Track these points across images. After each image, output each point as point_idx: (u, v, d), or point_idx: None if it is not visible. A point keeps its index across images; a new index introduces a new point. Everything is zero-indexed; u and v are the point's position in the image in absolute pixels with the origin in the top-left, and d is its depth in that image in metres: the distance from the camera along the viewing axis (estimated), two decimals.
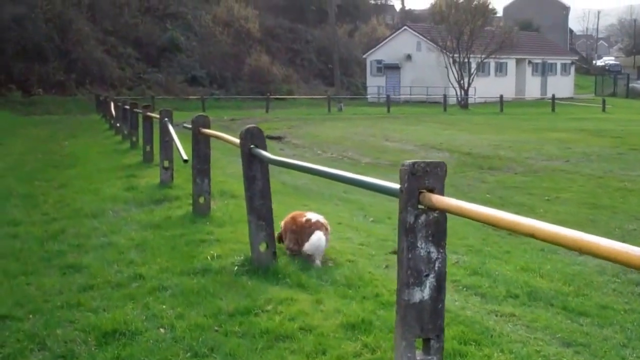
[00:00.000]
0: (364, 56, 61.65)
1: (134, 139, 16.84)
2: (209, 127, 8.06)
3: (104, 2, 53.96)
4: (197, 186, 8.13)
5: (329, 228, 6.23)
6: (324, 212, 7.43)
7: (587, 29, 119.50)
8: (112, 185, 11.31)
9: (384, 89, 59.25)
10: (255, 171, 5.80)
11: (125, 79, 49.48)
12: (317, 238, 5.99)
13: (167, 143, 11.03)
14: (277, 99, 46.05)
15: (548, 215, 8.76)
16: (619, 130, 22.68)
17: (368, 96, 58.93)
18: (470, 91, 47.75)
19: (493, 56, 47.97)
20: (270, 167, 5.79)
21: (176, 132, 10.55)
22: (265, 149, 5.81)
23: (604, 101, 40.58)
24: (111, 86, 47.09)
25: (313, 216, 6.25)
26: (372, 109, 46.24)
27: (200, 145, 8.07)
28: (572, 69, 63.11)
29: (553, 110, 40.32)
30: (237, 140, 6.04)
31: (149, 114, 13.61)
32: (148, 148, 13.84)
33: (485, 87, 50.64)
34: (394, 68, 58.52)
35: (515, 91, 55.73)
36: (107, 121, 27.80)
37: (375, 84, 59.55)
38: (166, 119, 10.94)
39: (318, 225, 6.10)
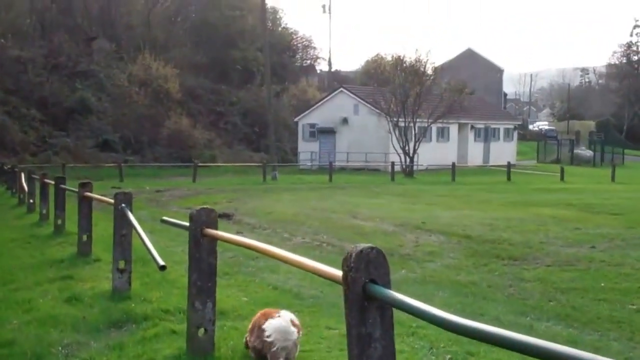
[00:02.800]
0: (296, 119, 60.45)
1: (59, 221, 14.37)
2: (216, 226, 5.93)
3: (4, 58, 50.95)
4: (196, 313, 5.93)
5: (301, 330, 5.69)
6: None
7: (517, 92, 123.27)
8: (45, 292, 8.92)
9: (317, 155, 58.00)
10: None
11: (28, 143, 46.28)
12: (283, 321, 5.47)
13: (123, 238, 8.78)
14: (200, 166, 43.75)
15: None
16: (607, 204, 21.70)
17: (300, 163, 57.41)
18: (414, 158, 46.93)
19: (440, 121, 47.42)
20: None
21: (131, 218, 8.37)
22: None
23: (562, 170, 40.32)
24: (12, 152, 43.78)
25: (286, 314, 5.67)
26: (309, 177, 44.54)
27: (203, 253, 5.92)
28: (515, 134, 63.76)
29: (509, 179, 39.69)
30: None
31: (88, 194, 11.27)
32: (85, 237, 11.47)
33: (427, 154, 50.00)
34: (329, 132, 57.48)
35: (457, 157, 55.41)
36: (14, 195, 24.97)
37: (307, 149, 58.23)
38: (123, 204, 8.72)
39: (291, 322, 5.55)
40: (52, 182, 14.79)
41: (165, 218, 7.20)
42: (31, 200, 19.16)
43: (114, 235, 8.82)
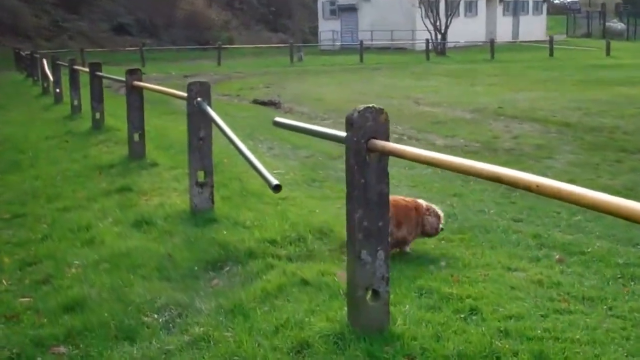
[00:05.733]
0: None
1: (98, 115, 12.21)
2: (387, 135, 3.79)
3: None
4: (363, 268, 3.84)
5: None
6: None
7: None
8: (103, 212, 6.90)
9: (339, 34, 54.81)
10: None
11: (41, 28, 43.39)
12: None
13: (202, 142, 6.65)
14: (222, 48, 40.86)
15: None
16: None
17: (321, 43, 54.30)
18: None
19: None
20: None
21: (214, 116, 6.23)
22: None
23: (608, 44, 37.36)
24: (26, 37, 41.04)
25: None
26: (336, 58, 41.83)
27: (370, 177, 3.78)
28: (545, 7, 59.86)
29: (551, 55, 36.84)
30: None
31: (138, 83, 9.02)
32: (138, 137, 9.34)
33: (455, 30, 46.73)
34: (350, 10, 53.97)
35: (486, 33, 52.09)
36: (36, 83, 22.72)
37: (328, 28, 54.94)
38: (199, 98, 6.53)
39: None
40: (86, 70, 12.52)
41: (278, 119, 5.03)
42: (57, 90, 16.92)
43: (189, 139, 6.67)
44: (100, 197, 7.60)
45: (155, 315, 4.33)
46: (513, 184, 2.76)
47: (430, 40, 41.71)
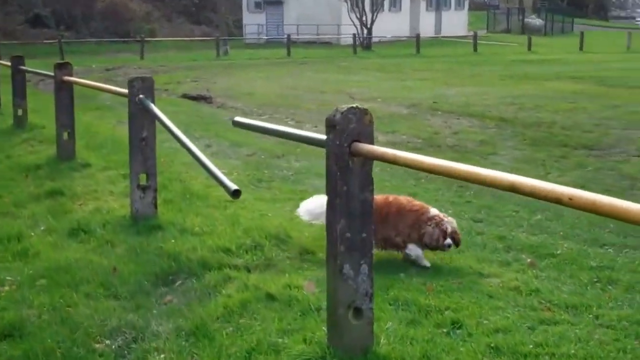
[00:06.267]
0: None
1: (20, 112, 11.41)
2: (370, 138, 3.45)
3: None
4: (344, 283, 3.47)
5: None
6: None
7: None
8: (34, 220, 6.31)
9: (265, 28, 54.18)
10: None
11: None
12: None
13: (144, 143, 6.13)
14: (144, 41, 39.53)
15: None
16: (612, 76, 19.83)
17: (246, 36, 53.51)
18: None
19: None
20: None
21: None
22: None
23: (529, 39, 38.06)
24: None
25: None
26: (263, 52, 41.22)
27: (353, 184, 3.41)
28: (466, 2, 60.68)
29: (475, 50, 37.29)
30: None
31: (69, 78, 8.34)
32: (67, 135, 8.70)
33: (380, 25, 46.75)
34: (276, 3, 53.37)
35: (409, 29, 52.46)
36: None
37: (253, 21, 54.15)
38: (142, 95, 6.02)
39: None
40: (7, 64, 11.69)
41: (238, 119, 4.58)
42: None
43: (130, 139, 6.15)
44: (29, 202, 6.98)
45: (107, 341, 3.85)
46: (543, 197, 2.42)
47: (356, 35, 41.61)
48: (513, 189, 2.54)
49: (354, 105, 3.40)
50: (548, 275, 4.91)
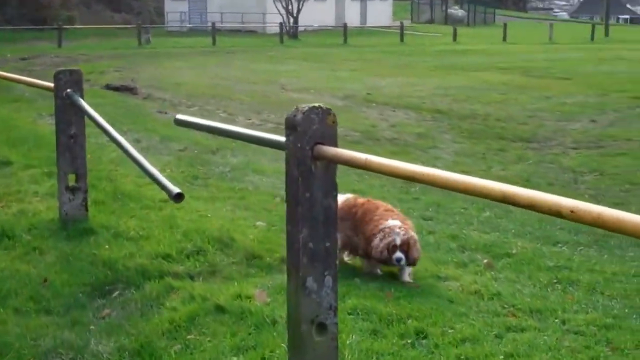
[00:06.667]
0: None
1: None
2: (334, 140, 3.15)
3: None
4: (307, 298, 3.16)
5: None
6: None
7: None
8: None
9: (187, 15, 53.14)
10: None
11: None
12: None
13: (73, 140, 5.69)
14: (62, 29, 38.08)
15: None
16: (539, 67, 20.18)
17: (168, 24, 52.34)
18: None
19: None
20: None
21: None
22: None
23: (455, 30, 38.51)
24: None
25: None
26: (187, 40, 40.35)
27: (316, 190, 3.12)
28: None
29: (402, 40, 37.46)
30: None
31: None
32: None
33: (305, 15, 46.48)
34: None
35: (335, 18, 52.36)
36: None
37: (176, 9, 53.00)
38: (69, 90, 5.57)
39: None
40: None
41: (181, 117, 4.22)
42: None
43: (57, 137, 5.69)
44: None
45: None
46: (545, 211, 2.19)
47: (283, 24, 41.24)
48: (504, 199, 2.31)
49: (316, 105, 3.11)
50: (506, 277, 4.76)
